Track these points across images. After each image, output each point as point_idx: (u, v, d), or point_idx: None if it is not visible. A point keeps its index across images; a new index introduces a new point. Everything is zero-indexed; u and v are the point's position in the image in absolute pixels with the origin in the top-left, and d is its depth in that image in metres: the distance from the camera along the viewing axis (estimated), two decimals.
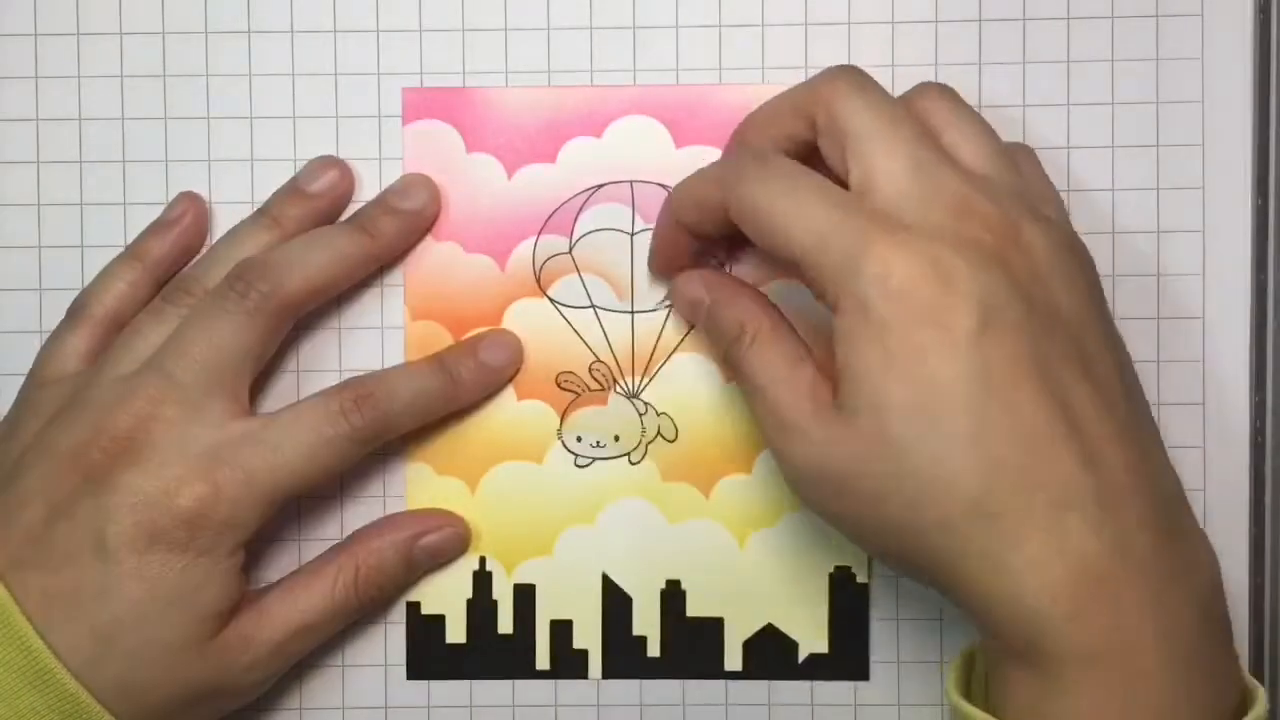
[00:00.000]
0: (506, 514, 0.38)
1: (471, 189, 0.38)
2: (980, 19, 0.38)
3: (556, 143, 0.38)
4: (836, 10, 0.38)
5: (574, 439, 0.38)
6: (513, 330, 0.38)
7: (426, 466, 0.38)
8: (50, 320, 0.37)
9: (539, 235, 0.38)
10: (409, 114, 0.38)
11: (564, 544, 0.38)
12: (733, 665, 0.38)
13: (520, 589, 0.38)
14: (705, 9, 0.38)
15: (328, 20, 0.38)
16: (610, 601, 0.38)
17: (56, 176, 0.38)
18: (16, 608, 0.32)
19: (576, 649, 0.38)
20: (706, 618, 0.38)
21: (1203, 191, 0.38)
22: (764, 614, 0.38)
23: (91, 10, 0.38)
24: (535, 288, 0.38)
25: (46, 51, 0.38)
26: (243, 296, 0.34)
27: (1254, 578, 0.37)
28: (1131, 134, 0.38)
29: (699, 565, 0.38)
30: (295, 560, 0.38)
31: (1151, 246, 0.38)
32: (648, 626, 0.38)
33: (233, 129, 0.38)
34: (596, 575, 0.38)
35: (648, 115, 0.38)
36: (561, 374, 0.38)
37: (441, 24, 0.38)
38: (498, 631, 0.38)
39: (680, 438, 0.38)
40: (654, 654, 0.38)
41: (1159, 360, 0.38)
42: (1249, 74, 0.37)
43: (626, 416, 0.38)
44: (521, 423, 0.38)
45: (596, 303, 0.38)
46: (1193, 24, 0.37)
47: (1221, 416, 0.38)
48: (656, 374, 0.38)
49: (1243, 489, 0.38)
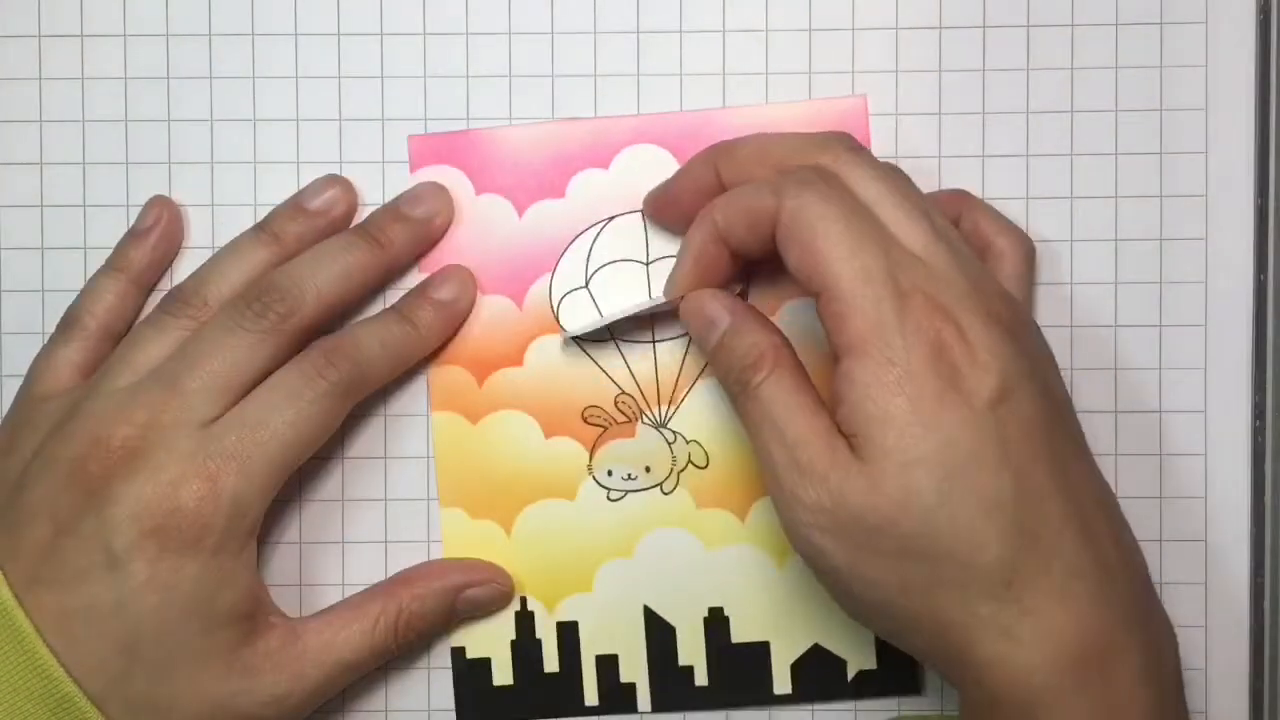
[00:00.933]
0: (544, 553, 0.38)
1: (483, 230, 0.38)
2: (984, 25, 0.38)
3: (564, 177, 0.38)
4: (840, 17, 0.38)
5: (605, 473, 0.38)
6: (535, 367, 0.38)
7: (461, 512, 0.38)
8: (52, 322, 0.37)
9: (554, 271, 0.38)
10: (416, 161, 0.38)
11: (603, 578, 0.38)
12: (782, 688, 0.38)
13: (563, 626, 0.38)
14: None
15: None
16: (654, 633, 0.38)
17: (59, 178, 0.38)
18: (35, 632, 0.31)
19: (624, 683, 0.38)
20: (752, 643, 0.38)
21: (1205, 199, 0.38)
22: (810, 635, 0.38)
23: (96, 11, 0.38)
24: (554, 324, 0.38)
25: (50, 53, 0.38)
26: (260, 316, 0.34)
27: (1254, 578, 0.38)
28: (1135, 141, 0.38)
29: (740, 590, 0.38)
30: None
31: (1154, 253, 0.38)
32: (693, 656, 0.38)
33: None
34: (638, 607, 0.38)
35: (653, 144, 0.38)
36: (588, 409, 0.38)
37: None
38: (544, 670, 0.38)
39: (711, 463, 0.38)
40: (701, 683, 0.38)
41: (1161, 367, 0.38)
42: (1253, 80, 0.38)
43: (656, 446, 0.38)
44: (551, 461, 0.38)
45: (617, 335, 0.38)
46: (1196, 31, 0.37)
47: (1224, 420, 0.38)
48: (683, 402, 0.38)
49: (1243, 490, 0.38)
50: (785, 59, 0.38)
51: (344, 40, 0.38)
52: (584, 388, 0.38)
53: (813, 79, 0.38)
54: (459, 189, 0.38)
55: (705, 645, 0.38)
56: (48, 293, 0.38)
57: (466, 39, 0.38)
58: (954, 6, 0.38)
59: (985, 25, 0.38)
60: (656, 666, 0.38)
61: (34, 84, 0.38)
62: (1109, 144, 0.38)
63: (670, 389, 0.38)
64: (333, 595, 0.38)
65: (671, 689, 0.38)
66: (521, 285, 0.38)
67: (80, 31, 0.38)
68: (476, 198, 0.38)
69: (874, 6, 0.38)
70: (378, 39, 0.38)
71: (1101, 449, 0.37)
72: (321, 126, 0.38)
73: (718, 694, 0.38)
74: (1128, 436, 0.38)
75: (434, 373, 0.38)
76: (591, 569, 0.38)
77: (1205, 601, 0.38)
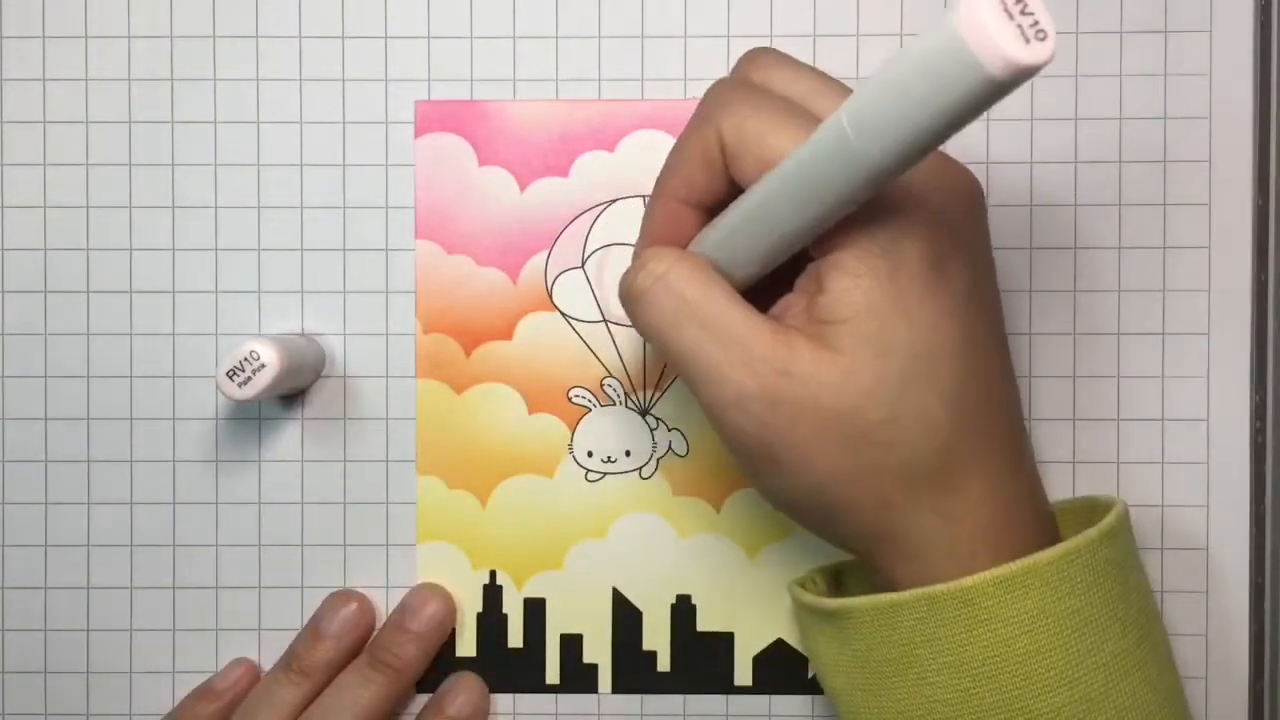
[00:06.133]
0: (517, 528, 0.38)
1: (483, 202, 0.38)
2: None
3: (569, 156, 0.38)
4: (845, 23, 0.38)
5: (585, 454, 0.38)
6: (524, 342, 0.38)
7: (438, 480, 0.38)
8: (55, 323, 0.37)
9: (551, 249, 0.38)
10: (421, 126, 0.38)
11: (574, 558, 0.38)
12: (742, 680, 0.38)
13: (531, 603, 0.38)
14: (714, 18, 0.38)
15: (335, 26, 0.38)
16: (620, 616, 0.38)
17: (62, 179, 0.38)
18: None
19: (587, 663, 0.38)
20: (717, 632, 0.38)
21: (1209, 207, 0.38)
22: (774, 629, 0.38)
23: (100, 11, 0.38)
24: (547, 301, 0.38)
25: (54, 54, 0.38)
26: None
27: (1254, 578, 0.38)
28: (1139, 149, 0.38)
29: (709, 580, 0.38)
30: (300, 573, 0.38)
31: (1157, 259, 0.38)
32: (658, 641, 0.38)
33: (239, 133, 0.38)
34: (607, 589, 0.38)
35: (660, 130, 0.38)
36: (573, 389, 0.38)
37: (450, 31, 0.38)
38: (508, 645, 0.38)
39: (691, 452, 0.38)
40: (664, 668, 0.38)
41: (1164, 375, 0.38)
42: (1256, 88, 0.38)
43: (638, 432, 0.38)
44: (533, 437, 0.38)
45: (609, 317, 0.38)
46: (1200, 39, 0.38)
47: (1226, 428, 0.38)
48: (668, 389, 0.38)
49: (1245, 498, 0.38)
50: None
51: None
52: (571, 367, 0.38)
53: None
54: (463, 158, 0.38)
55: (671, 631, 0.38)
56: (50, 293, 0.38)
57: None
58: None
59: None
60: (620, 649, 0.38)
61: (38, 85, 0.38)
62: (1113, 151, 0.38)
63: (656, 376, 0.38)
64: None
65: (633, 672, 0.38)
66: (517, 260, 0.38)
67: (84, 33, 0.38)
68: (480, 168, 0.38)
69: (878, 13, 0.38)
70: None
71: (1103, 456, 0.38)
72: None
73: (679, 680, 0.38)
74: (1130, 444, 0.38)
75: (422, 340, 0.38)
76: (563, 548, 0.38)
77: (1206, 608, 0.38)
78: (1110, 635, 0.29)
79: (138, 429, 0.38)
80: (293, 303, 0.38)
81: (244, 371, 0.34)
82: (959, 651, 0.29)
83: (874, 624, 0.30)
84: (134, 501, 0.38)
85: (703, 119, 0.30)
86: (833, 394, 0.28)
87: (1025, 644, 0.28)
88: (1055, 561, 0.29)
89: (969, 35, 0.22)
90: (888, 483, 0.29)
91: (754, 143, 0.29)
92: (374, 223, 0.38)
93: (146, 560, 0.38)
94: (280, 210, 0.38)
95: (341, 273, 0.38)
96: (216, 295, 0.38)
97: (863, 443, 0.28)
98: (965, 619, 0.29)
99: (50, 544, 0.38)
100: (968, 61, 0.22)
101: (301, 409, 0.38)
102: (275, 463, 0.38)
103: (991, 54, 0.21)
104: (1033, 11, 0.22)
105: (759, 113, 0.29)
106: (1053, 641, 0.28)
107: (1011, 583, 0.28)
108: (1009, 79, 0.22)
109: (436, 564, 0.38)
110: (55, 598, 0.38)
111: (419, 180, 0.38)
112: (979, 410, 0.29)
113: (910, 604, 0.29)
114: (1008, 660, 0.28)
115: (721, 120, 0.30)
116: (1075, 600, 0.29)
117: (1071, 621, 0.29)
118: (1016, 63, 0.21)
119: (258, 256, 0.38)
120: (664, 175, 0.32)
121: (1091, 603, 0.29)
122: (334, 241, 0.38)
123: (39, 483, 0.38)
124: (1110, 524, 0.30)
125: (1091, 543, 0.29)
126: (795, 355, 0.28)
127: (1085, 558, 0.29)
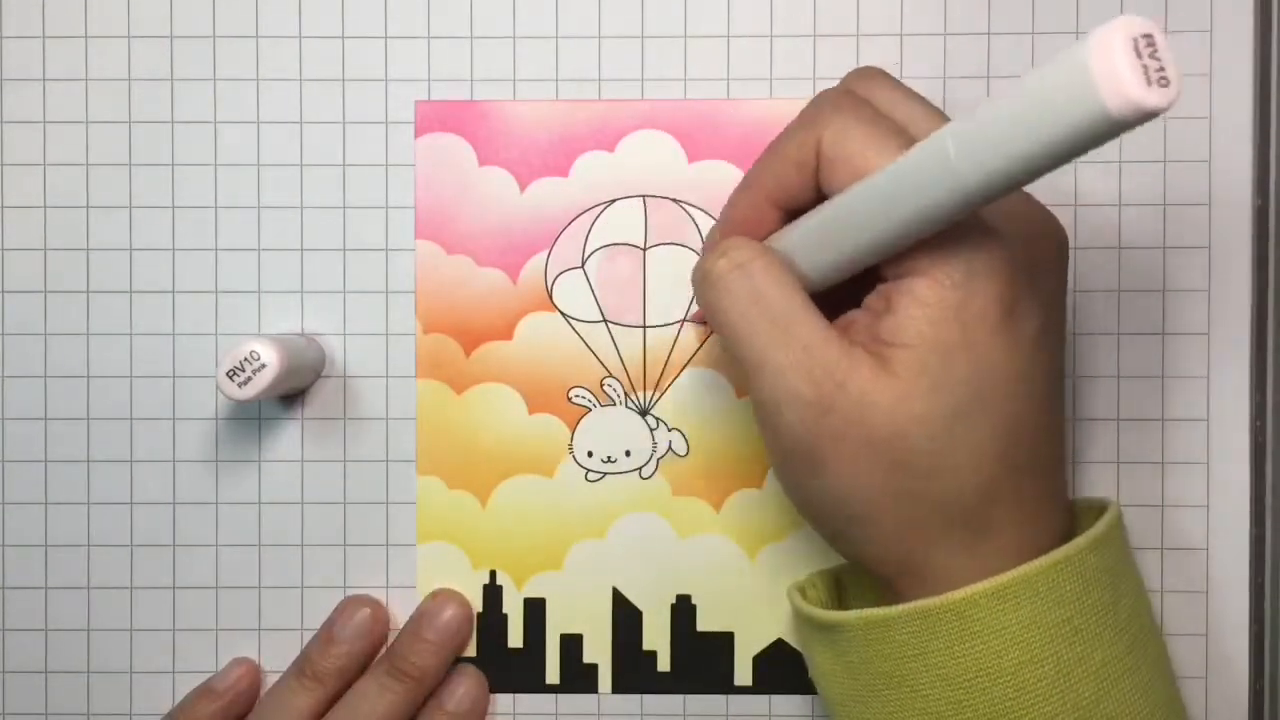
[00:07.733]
0: (517, 528, 0.38)
1: (483, 202, 0.38)
2: (989, 32, 0.38)
3: (569, 156, 0.38)
4: (845, 22, 0.38)
5: (585, 454, 0.38)
6: (524, 342, 0.38)
7: (438, 480, 0.38)
8: (55, 323, 0.37)
9: (551, 249, 0.38)
10: (421, 126, 0.38)
11: (574, 558, 0.38)
12: (742, 680, 0.38)
13: (531, 603, 0.38)
14: (714, 18, 0.38)
15: (335, 26, 0.38)
16: (620, 616, 0.38)
17: (62, 179, 0.38)
18: None
19: (587, 663, 0.38)
20: (717, 632, 0.38)
21: (1209, 207, 0.38)
22: (774, 629, 0.38)
23: (100, 12, 0.38)
24: (547, 301, 0.38)
25: (54, 54, 0.38)
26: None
27: (1254, 578, 0.38)
28: (1139, 150, 0.38)
29: (709, 580, 0.38)
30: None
31: (1157, 259, 0.38)
32: (658, 641, 0.38)
33: (239, 133, 0.38)
34: (607, 589, 0.38)
35: (660, 130, 0.38)
36: (573, 389, 0.38)
37: (450, 31, 0.38)
38: (508, 646, 0.38)
39: (691, 453, 0.38)
40: (664, 669, 0.38)
41: (1164, 375, 0.38)
42: (1256, 88, 0.38)
43: (638, 432, 0.38)
44: (533, 437, 0.38)
45: (609, 317, 0.38)
46: (1201, 39, 0.38)
47: (1227, 429, 0.38)
48: (668, 389, 0.38)
49: (1246, 499, 0.38)
50: (789, 63, 0.38)
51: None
52: (571, 367, 0.38)
53: (815, 84, 0.38)
54: (463, 158, 0.38)
55: (671, 631, 0.38)
56: (50, 293, 0.38)
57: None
58: (958, 13, 0.38)
59: (989, 32, 0.38)
60: (620, 649, 0.38)
61: (38, 85, 0.38)
62: (1113, 151, 0.38)
63: (657, 375, 0.38)
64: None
65: (633, 672, 0.38)
66: (517, 260, 0.38)
67: (84, 33, 0.38)
68: (480, 168, 0.38)
69: (878, 13, 0.38)
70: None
71: (1103, 456, 0.38)
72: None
73: (679, 680, 0.38)
74: (1129, 444, 0.38)
75: (422, 340, 0.38)
76: (563, 548, 0.38)
77: (1206, 608, 0.38)
78: (1101, 642, 0.29)
79: (138, 429, 0.38)
80: (293, 303, 0.38)
81: (244, 371, 0.34)
82: (951, 664, 0.29)
83: (867, 638, 0.30)
84: (134, 501, 0.38)
85: (806, 124, 0.30)
86: (884, 416, 0.28)
87: (1017, 655, 0.28)
88: (1046, 571, 0.29)
89: (1096, 66, 0.21)
90: (923, 511, 0.29)
91: (851, 154, 0.29)
92: (374, 223, 0.38)
93: (146, 560, 0.38)
94: (280, 210, 0.38)
95: (341, 273, 0.38)
96: (216, 295, 0.38)
97: (905, 468, 0.29)
98: (957, 631, 0.29)
99: (50, 544, 0.38)
100: (1089, 93, 0.21)
101: (301, 409, 0.38)
102: (275, 463, 0.38)
103: (1114, 90, 0.21)
104: (1160, 57, 0.21)
105: (861, 125, 0.29)
106: (1044, 651, 0.28)
107: (1004, 594, 0.28)
108: (1125, 118, 0.21)
109: (436, 564, 0.38)
110: (55, 598, 0.38)
111: (419, 180, 0.38)
112: (1028, 454, 0.29)
113: (903, 619, 0.29)
114: (1000, 671, 0.28)
115: (824, 127, 0.30)
116: (1066, 609, 0.29)
117: (1062, 630, 0.29)
118: (1137, 103, 0.21)
119: (258, 256, 0.38)
120: (756, 170, 0.32)
121: (1083, 610, 0.29)
122: (334, 241, 0.38)
123: (39, 483, 0.38)
124: (1100, 532, 0.30)
125: (1082, 551, 0.29)
126: (855, 370, 0.29)
127: (1075, 566, 0.29)
